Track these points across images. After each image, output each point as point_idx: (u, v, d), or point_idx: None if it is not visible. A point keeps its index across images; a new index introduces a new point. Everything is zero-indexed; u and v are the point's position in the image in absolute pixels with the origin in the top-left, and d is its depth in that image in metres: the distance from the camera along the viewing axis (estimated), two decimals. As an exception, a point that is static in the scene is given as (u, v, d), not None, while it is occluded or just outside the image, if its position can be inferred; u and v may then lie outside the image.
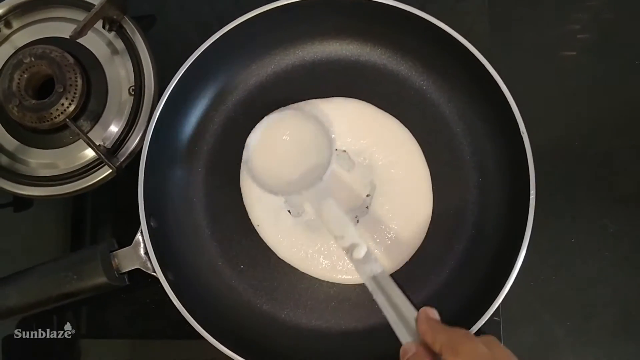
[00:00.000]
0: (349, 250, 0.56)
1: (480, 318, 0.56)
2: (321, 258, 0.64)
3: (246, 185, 0.67)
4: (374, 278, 0.54)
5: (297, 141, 0.63)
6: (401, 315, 0.50)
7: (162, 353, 0.66)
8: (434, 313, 0.48)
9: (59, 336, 0.66)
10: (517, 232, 0.57)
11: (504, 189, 0.63)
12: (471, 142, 0.66)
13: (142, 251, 0.59)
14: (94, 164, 0.64)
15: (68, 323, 0.66)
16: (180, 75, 0.61)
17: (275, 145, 0.63)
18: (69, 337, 0.66)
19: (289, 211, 0.66)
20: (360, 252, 0.55)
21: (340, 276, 0.64)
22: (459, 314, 0.57)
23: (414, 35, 0.65)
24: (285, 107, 0.66)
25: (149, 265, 0.58)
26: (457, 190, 0.66)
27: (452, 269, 0.64)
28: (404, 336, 0.49)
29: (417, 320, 0.48)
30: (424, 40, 0.65)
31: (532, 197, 0.57)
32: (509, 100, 0.59)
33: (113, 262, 0.59)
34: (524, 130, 0.58)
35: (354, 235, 0.56)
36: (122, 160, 0.64)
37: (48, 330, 0.66)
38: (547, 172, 0.64)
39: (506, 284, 0.56)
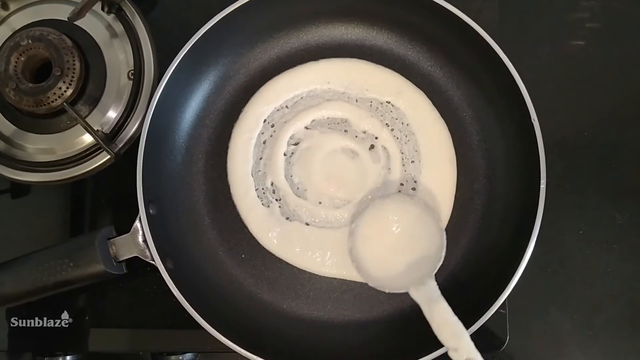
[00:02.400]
0: None
1: (487, 311, 0.55)
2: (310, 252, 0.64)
3: (234, 177, 0.66)
4: None
5: (405, 228, 0.60)
6: None
7: (161, 342, 0.66)
8: None
9: (56, 325, 0.65)
10: (526, 224, 0.56)
11: (513, 177, 0.62)
12: (480, 129, 0.65)
13: (140, 239, 0.58)
14: (92, 150, 0.63)
15: (65, 311, 0.65)
16: (180, 58, 0.60)
17: (382, 232, 0.61)
18: (66, 325, 0.65)
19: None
20: None
21: (327, 270, 0.64)
22: (465, 307, 0.56)
23: (422, 18, 0.64)
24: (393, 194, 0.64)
25: (148, 253, 0.57)
26: (465, 179, 0.65)
27: (458, 260, 0.63)
28: None
29: None
30: (432, 23, 0.64)
31: (543, 186, 0.56)
32: (519, 86, 0.58)
33: (111, 250, 0.59)
34: (534, 117, 0.57)
35: (469, 347, 0.52)
36: (120, 146, 0.63)
37: (45, 318, 0.65)
38: (554, 163, 0.64)
39: (513, 277, 0.55)
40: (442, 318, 0.53)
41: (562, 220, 0.66)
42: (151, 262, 0.57)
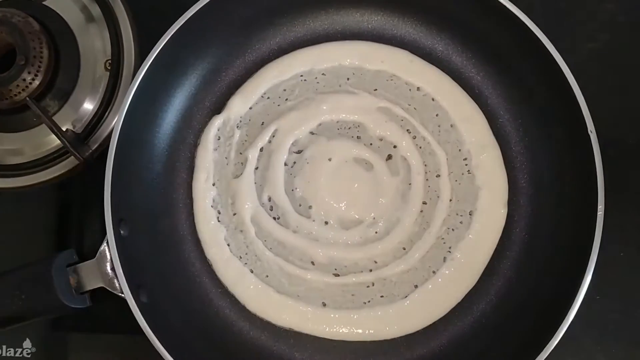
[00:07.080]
0: None
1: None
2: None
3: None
4: None
5: None
6: None
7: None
8: None
9: (17, 354, 0.61)
10: (576, 255, 0.51)
11: (560, 198, 0.56)
12: (520, 138, 0.59)
13: (108, 267, 0.52)
14: (62, 152, 0.60)
15: (27, 339, 0.61)
16: (163, 45, 0.55)
17: None
18: (29, 355, 0.61)
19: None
20: None
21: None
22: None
23: (456, 4, 0.59)
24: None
25: (116, 284, 0.51)
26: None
27: (493, 295, 0.58)
28: None
29: None
30: (464, 10, 0.59)
31: (600, 212, 0.50)
32: (573, 87, 0.52)
33: (71, 279, 0.52)
34: (592, 128, 0.51)
35: None
36: (94, 148, 0.60)
37: (4, 347, 0.61)
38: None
39: (563, 324, 0.50)
40: None
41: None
42: (120, 294, 0.50)
